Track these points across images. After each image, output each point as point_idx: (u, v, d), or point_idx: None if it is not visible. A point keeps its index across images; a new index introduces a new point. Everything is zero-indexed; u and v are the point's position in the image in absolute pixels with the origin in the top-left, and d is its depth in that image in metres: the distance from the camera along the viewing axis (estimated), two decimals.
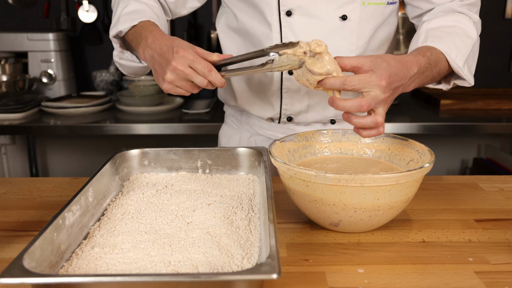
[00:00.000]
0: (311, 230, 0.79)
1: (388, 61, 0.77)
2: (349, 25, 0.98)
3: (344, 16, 0.97)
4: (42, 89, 2.20)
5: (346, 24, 0.98)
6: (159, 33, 0.89)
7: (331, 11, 0.97)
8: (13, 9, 2.34)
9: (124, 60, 1.00)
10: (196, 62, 0.80)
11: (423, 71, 0.83)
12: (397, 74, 0.77)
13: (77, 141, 2.51)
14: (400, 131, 1.88)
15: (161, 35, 0.88)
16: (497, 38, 2.39)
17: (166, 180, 0.90)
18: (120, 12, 0.98)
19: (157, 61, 0.85)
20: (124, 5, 0.98)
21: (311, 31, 0.98)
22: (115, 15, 0.99)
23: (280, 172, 0.77)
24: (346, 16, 0.97)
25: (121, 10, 0.98)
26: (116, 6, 1.02)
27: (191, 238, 0.67)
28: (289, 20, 0.98)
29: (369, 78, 0.75)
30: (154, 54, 0.86)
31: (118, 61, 1.01)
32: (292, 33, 0.99)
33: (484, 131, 1.98)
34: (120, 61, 1.01)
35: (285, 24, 0.99)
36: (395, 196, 0.71)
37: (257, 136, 1.15)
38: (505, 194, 0.95)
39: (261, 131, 1.14)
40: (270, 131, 1.13)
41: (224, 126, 1.26)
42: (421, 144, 0.83)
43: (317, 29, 0.98)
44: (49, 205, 0.90)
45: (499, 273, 0.66)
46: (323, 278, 0.64)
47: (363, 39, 1.00)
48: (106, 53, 2.42)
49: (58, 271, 0.60)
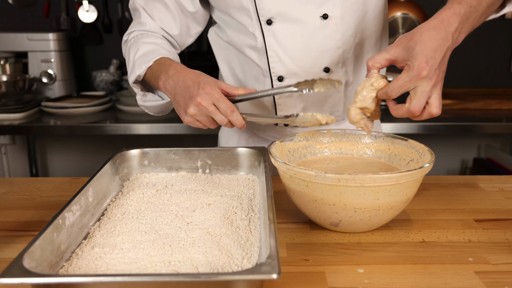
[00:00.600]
0: (311, 230, 0.79)
1: (420, 39, 0.73)
2: (332, 23, 0.97)
3: (325, 15, 0.96)
4: (42, 89, 2.20)
5: (329, 23, 0.97)
6: (180, 66, 0.92)
7: (311, 12, 0.96)
8: (13, 9, 2.34)
9: (148, 101, 1.03)
10: (220, 101, 0.83)
11: (466, 18, 0.78)
12: (436, 49, 0.73)
13: (77, 141, 2.51)
14: (400, 131, 1.88)
15: (183, 68, 0.90)
16: (497, 38, 2.39)
17: (166, 180, 0.90)
18: (133, 58, 1.00)
19: (179, 93, 0.88)
20: (135, 50, 1.00)
21: (294, 36, 0.98)
22: (129, 62, 1.01)
23: (280, 172, 0.77)
24: (327, 14, 0.96)
25: (133, 56, 1.00)
26: (128, 53, 1.03)
27: (191, 238, 0.67)
28: (271, 29, 0.98)
29: (408, 77, 0.73)
30: (177, 86, 0.88)
31: (143, 104, 1.04)
32: (276, 41, 0.99)
33: (484, 131, 1.98)
34: (145, 104, 1.03)
35: (268, 33, 0.99)
36: (395, 196, 0.71)
37: (255, 137, 1.16)
38: (505, 194, 0.95)
39: (260, 133, 1.14)
40: (268, 132, 1.13)
41: (224, 127, 1.26)
42: (421, 144, 0.83)
43: (300, 33, 0.98)
44: (49, 205, 0.90)
45: (499, 273, 0.66)
46: (323, 278, 0.64)
47: (348, 33, 0.99)
48: (106, 53, 2.42)
49: (58, 271, 0.60)
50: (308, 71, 1.00)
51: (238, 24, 1.02)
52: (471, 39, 2.38)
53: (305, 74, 1.00)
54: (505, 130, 1.97)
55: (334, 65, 1.01)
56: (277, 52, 0.99)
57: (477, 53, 2.41)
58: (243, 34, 1.02)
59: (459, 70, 2.41)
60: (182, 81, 0.87)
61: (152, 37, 1.04)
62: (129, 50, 1.03)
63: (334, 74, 1.01)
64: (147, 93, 1.02)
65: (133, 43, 1.03)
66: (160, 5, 1.04)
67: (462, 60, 2.40)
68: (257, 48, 1.01)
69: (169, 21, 1.05)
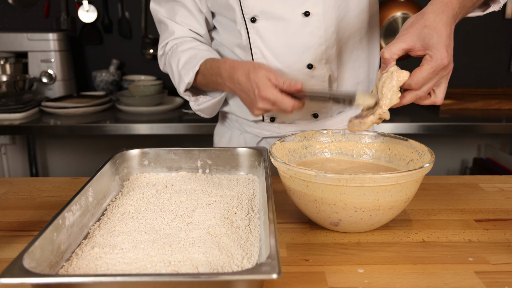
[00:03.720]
0: (311, 230, 0.79)
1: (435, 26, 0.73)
2: (313, 20, 0.98)
3: (307, 12, 0.97)
4: (42, 89, 2.20)
5: (311, 20, 0.98)
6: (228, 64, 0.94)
7: (293, 10, 0.98)
8: (13, 9, 2.34)
9: (202, 104, 1.06)
10: (278, 103, 0.86)
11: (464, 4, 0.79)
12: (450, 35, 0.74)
13: (77, 141, 2.51)
14: (400, 131, 1.88)
15: (232, 67, 0.93)
16: (497, 38, 2.39)
17: (166, 180, 0.90)
18: (176, 68, 1.04)
19: (241, 96, 0.93)
20: (177, 61, 1.04)
21: (277, 33, 1.00)
22: (174, 73, 1.05)
23: (280, 172, 0.77)
24: (308, 12, 0.97)
25: (176, 67, 1.04)
26: (169, 65, 1.07)
27: (191, 238, 0.67)
28: (255, 27, 1.00)
29: (432, 68, 0.73)
30: (236, 89, 0.93)
31: (198, 108, 1.07)
32: (260, 38, 1.01)
33: (484, 131, 1.98)
34: (200, 107, 1.07)
35: (252, 31, 1.01)
36: (395, 196, 0.71)
37: (246, 134, 1.17)
38: (505, 194, 0.95)
39: (249, 129, 1.16)
40: (257, 129, 1.14)
41: (218, 125, 1.28)
42: (421, 144, 0.83)
43: (283, 31, 0.99)
44: (49, 205, 0.90)
45: (499, 273, 0.66)
46: (323, 278, 0.64)
47: (330, 30, 1.00)
48: (106, 53, 2.42)
49: (58, 271, 0.60)
50: (292, 68, 1.02)
51: (228, 24, 1.05)
52: (471, 39, 2.39)
53: (288, 70, 1.02)
54: (505, 130, 1.97)
55: (317, 61, 1.02)
56: (261, 49, 1.01)
57: (477, 53, 2.41)
58: (232, 33, 1.05)
59: (459, 70, 2.40)
60: (237, 85, 0.92)
61: (187, 43, 1.07)
62: (170, 62, 1.07)
63: (317, 70, 1.02)
64: (199, 97, 1.06)
65: (171, 55, 1.07)
66: (182, 9, 1.07)
67: (462, 60, 2.40)
68: (243, 46, 1.03)
69: (194, 22, 1.08)
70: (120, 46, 2.40)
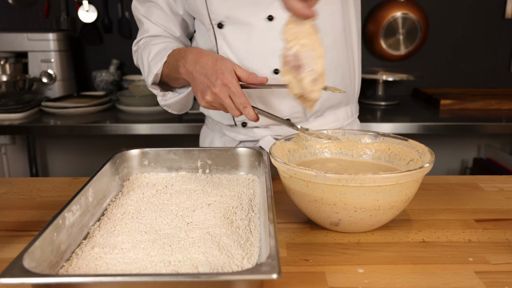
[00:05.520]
0: (311, 230, 0.79)
1: None
2: (277, 24, 0.97)
3: (270, 17, 0.97)
4: (42, 89, 2.20)
5: (274, 24, 0.97)
6: (196, 50, 0.94)
7: (257, 15, 0.97)
8: (13, 9, 2.34)
9: (169, 99, 1.05)
10: (236, 96, 0.86)
11: None
12: None
13: (77, 141, 2.51)
14: (400, 131, 1.88)
15: (200, 53, 0.92)
16: (497, 38, 2.39)
17: (166, 180, 0.90)
18: (147, 60, 1.03)
19: (198, 79, 0.90)
20: (147, 53, 1.04)
21: (243, 39, 0.99)
22: (144, 67, 1.05)
23: (280, 172, 0.77)
24: (272, 16, 0.97)
25: (147, 59, 1.03)
26: (141, 59, 1.07)
27: (191, 238, 0.67)
28: (222, 32, 1.00)
29: None
30: (195, 71, 0.90)
31: (164, 104, 1.06)
32: (226, 44, 1.01)
33: (484, 131, 1.98)
34: (166, 102, 1.06)
35: (219, 37, 1.01)
36: (395, 196, 0.71)
37: (225, 137, 1.17)
38: (505, 194, 0.95)
39: (227, 133, 1.15)
40: (234, 133, 1.14)
41: (204, 126, 1.29)
42: (421, 144, 0.83)
43: (248, 36, 0.99)
44: (49, 205, 0.90)
45: (499, 273, 0.66)
46: (323, 278, 0.64)
47: None
48: (106, 53, 2.42)
49: (58, 271, 0.60)
50: (258, 73, 1.01)
51: (201, 28, 1.07)
52: (471, 39, 2.39)
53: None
54: (505, 130, 1.97)
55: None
56: (227, 54, 1.01)
57: (477, 53, 2.41)
58: (204, 38, 1.07)
59: (459, 70, 2.41)
60: (200, 67, 0.90)
61: (160, 38, 1.08)
62: (141, 55, 1.06)
63: None
64: (166, 92, 1.05)
65: (143, 49, 1.07)
66: (158, 11, 1.09)
67: (462, 60, 2.40)
68: (213, 51, 1.03)
69: (170, 24, 1.09)
70: (120, 46, 2.40)
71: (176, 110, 1.10)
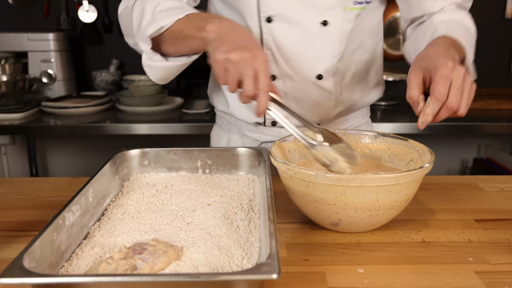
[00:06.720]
0: (311, 230, 0.79)
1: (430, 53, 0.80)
2: (330, 31, 0.97)
3: (325, 22, 0.96)
4: (42, 89, 2.20)
5: (327, 30, 0.97)
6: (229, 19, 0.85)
7: (311, 17, 0.96)
8: (13, 9, 2.34)
9: (156, 62, 0.92)
10: (264, 74, 0.74)
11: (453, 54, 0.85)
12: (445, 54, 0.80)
13: (77, 141, 2.51)
14: (400, 131, 1.88)
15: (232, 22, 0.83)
16: (497, 38, 2.39)
17: (166, 180, 0.90)
18: (152, 10, 0.89)
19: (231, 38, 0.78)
20: (154, 5, 0.90)
21: (292, 37, 0.98)
22: (145, 15, 0.89)
23: (280, 172, 0.77)
24: (327, 21, 0.96)
25: (152, 9, 0.89)
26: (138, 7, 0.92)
27: (191, 238, 0.67)
28: (269, 26, 0.98)
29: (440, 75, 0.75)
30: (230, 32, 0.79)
31: (149, 64, 0.92)
32: (272, 39, 0.98)
33: (484, 131, 1.98)
34: (152, 63, 0.92)
35: (266, 31, 0.98)
36: (395, 196, 0.71)
37: (245, 137, 1.15)
38: (505, 194, 0.95)
39: (249, 133, 1.13)
40: (257, 133, 1.12)
41: (215, 127, 1.25)
42: (421, 144, 0.83)
43: (298, 35, 0.97)
44: (49, 205, 0.90)
45: (499, 273, 0.66)
46: (323, 278, 0.64)
47: (344, 44, 0.99)
48: (106, 53, 2.42)
49: (58, 271, 0.60)
50: (301, 76, 1.00)
51: (237, 17, 1.00)
52: None
53: (298, 78, 1.01)
54: (505, 130, 1.97)
55: (327, 73, 1.01)
56: (273, 51, 0.99)
57: (477, 53, 2.39)
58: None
59: None
60: (241, 31, 0.80)
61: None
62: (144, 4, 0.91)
63: (325, 81, 1.01)
64: (155, 53, 0.92)
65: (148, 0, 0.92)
66: None
67: None
68: None
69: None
70: (120, 46, 2.40)
71: (156, 77, 0.95)
